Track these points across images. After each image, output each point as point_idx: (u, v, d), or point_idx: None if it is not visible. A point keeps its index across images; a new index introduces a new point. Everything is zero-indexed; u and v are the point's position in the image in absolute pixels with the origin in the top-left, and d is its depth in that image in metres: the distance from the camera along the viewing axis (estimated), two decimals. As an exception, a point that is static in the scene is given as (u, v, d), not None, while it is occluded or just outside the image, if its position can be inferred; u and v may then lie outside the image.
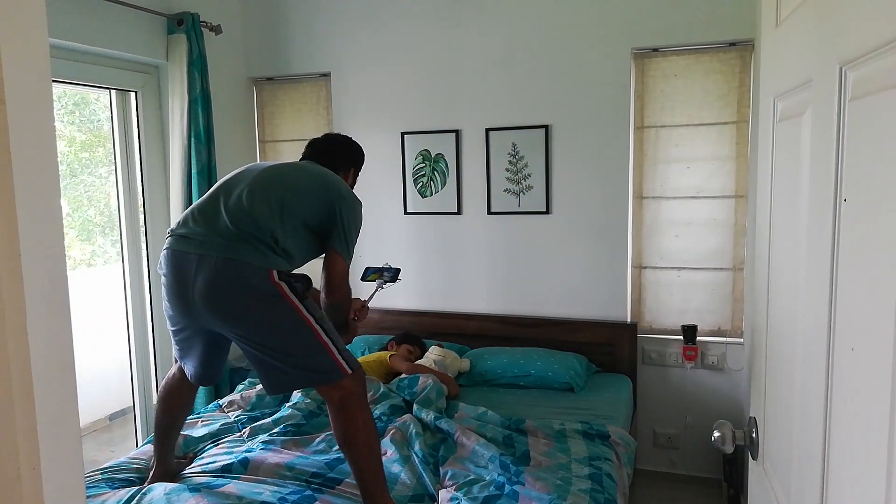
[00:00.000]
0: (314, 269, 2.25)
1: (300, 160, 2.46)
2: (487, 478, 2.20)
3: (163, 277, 2.08)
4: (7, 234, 0.68)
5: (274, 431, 2.54)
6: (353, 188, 2.41)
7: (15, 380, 0.69)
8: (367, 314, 2.52)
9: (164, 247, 2.07)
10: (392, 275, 2.79)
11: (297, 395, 2.83)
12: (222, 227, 2.00)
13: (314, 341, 1.99)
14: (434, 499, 2.16)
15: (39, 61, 0.72)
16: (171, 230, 2.10)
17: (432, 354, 3.13)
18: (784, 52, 1.16)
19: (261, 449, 2.40)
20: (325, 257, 2.19)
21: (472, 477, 2.21)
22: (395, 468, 2.27)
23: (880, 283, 0.70)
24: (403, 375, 2.99)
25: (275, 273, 1.96)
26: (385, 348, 3.36)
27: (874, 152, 0.73)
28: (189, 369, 2.20)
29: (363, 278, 2.86)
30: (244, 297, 1.95)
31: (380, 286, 2.77)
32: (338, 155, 2.47)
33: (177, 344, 2.19)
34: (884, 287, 0.69)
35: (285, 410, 2.71)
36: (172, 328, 2.16)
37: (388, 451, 2.35)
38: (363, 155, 2.58)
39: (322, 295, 2.19)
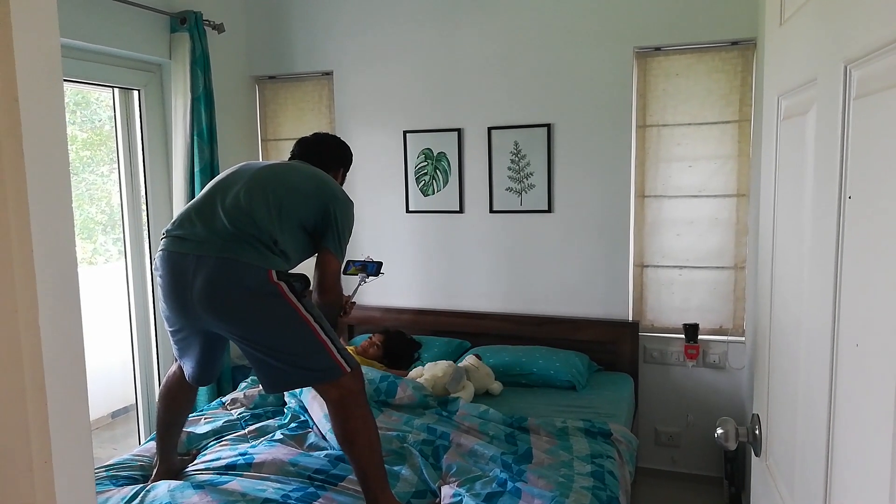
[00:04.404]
0: (306, 269, 2.25)
1: (289, 159, 2.46)
2: (490, 474, 2.20)
3: (159, 279, 2.07)
4: (20, 230, 0.69)
5: (276, 438, 2.52)
6: None
7: (27, 374, 0.70)
8: (353, 309, 2.53)
9: (160, 248, 2.06)
10: (374, 269, 2.79)
11: (291, 402, 2.81)
12: (220, 228, 2.00)
13: (313, 340, 2.00)
14: (436, 495, 2.17)
15: (51, 59, 0.73)
16: (167, 231, 2.09)
17: (466, 362, 3.10)
18: (788, 51, 1.17)
19: (264, 446, 2.41)
20: (317, 257, 2.20)
21: (474, 473, 2.21)
22: (396, 466, 2.27)
23: (884, 279, 0.71)
24: (386, 371, 3.00)
25: (274, 273, 1.96)
26: None
27: (878, 150, 0.74)
28: (187, 369, 2.20)
29: (344, 272, 2.85)
30: (244, 297, 1.95)
31: (362, 280, 2.76)
32: (328, 155, 2.47)
33: (175, 344, 2.19)
34: (888, 283, 0.69)
35: (287, 416, 2.70)
36: (170, 329, 2.16)
37: (386, 452, 2.34)
38: (352, 155, 2.59)
39: (314, 294, 2.20)
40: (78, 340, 0.77)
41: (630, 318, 3.35)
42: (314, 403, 2.60)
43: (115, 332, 3.48)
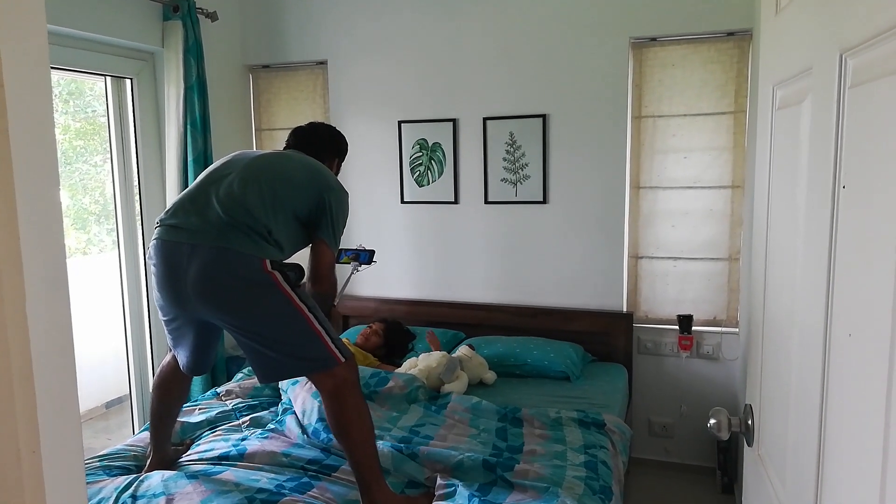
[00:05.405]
0: (300, 259, 2.24)
1: (284, 149, 2.44)
2: (485, 449, 2.20)
3: (153, 268, 2.07)
4: (6, 218, 0.68)
5: (268, 429, 2.51)
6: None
7: (14, 363, 0.69)
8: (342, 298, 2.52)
9: (154, 237, 2.05)
10: (367, 257, 2.78)
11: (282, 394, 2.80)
12: (214, 217, 1.99)
13: (308, 330, 1.99)
14: (428, 487, 2.17)
15: (38, 45, 0.72)
16: (160, 220, 2.08)
17: (460, 352, 3.10)
18: (784, 40, 1.16)
19: (258, 436, 2.40)
20: (312, 247, 2.19)
21: (463, 456, 2.20)
22: (388, 458, 2.26)
23: (878, 268, 0.70)
24: (377, 367, 2.99)
25: (268, 262, 1.95)
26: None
27: (873, 139, 0.73)
28: (181, 359, 2.20)
29: (337, 261, 2.85)
30: (238, 286, 1.94)
31: (355, 269, 2.76)
32: (322, 144, 2.45)
33: (169, 333, 2.19)
34: (882, 273, 0.69)
35: (280, 407, 2.70)
36: (164, 318, 2.16)
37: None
38: (347, 145, 2.57)
39: (308, 284, 2.19)
40: (67, 329, 0.76)
41: (624, 309, 3.35)
42: (297, 399, 2.59)
43: (109, 323, 3.47)
